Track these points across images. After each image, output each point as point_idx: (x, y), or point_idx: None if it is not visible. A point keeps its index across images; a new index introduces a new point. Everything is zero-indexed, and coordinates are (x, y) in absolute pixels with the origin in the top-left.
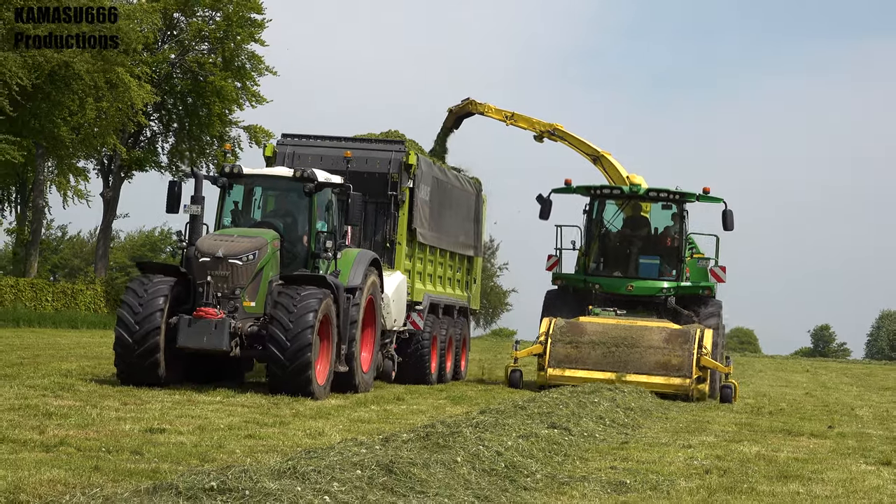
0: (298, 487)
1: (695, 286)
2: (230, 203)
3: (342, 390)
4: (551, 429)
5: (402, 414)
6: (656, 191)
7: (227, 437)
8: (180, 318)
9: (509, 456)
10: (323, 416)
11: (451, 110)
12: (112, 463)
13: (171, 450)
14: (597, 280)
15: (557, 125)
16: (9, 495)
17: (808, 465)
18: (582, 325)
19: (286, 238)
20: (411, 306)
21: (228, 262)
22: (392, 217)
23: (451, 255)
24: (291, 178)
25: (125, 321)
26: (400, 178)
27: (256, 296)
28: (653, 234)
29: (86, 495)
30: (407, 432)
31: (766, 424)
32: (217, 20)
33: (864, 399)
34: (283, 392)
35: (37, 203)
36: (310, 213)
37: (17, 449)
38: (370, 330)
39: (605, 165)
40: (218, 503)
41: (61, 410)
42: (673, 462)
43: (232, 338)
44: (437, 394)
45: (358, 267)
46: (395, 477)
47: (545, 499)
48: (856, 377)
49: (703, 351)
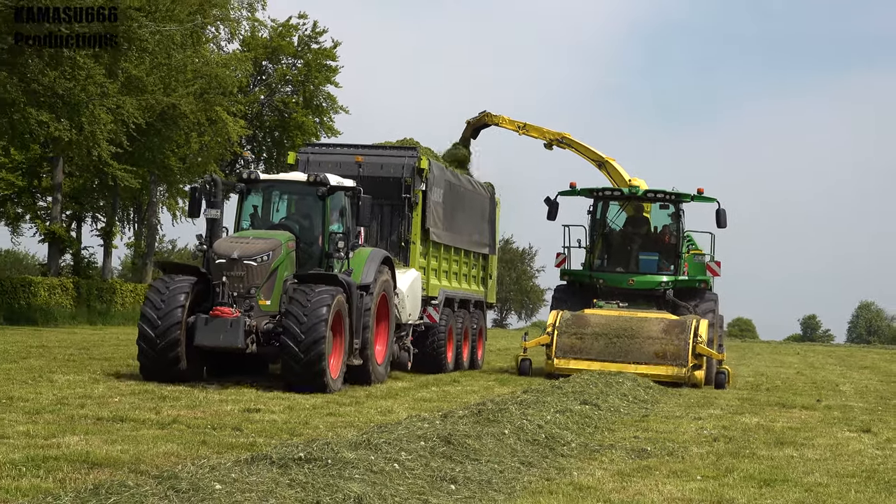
0: (372, 456)
1: (692, 280)
2: (248, 207)
3: (357, 382)
4: (583, 405)
5: (457, 394)
6: (654, 192)
7: (311, 415)
8: (197, 317)
9: (549, 428)
10: (391, 397)
11: (468, 122)
12: (216, 438)
13: (265, 426)
14: (601, 275)
15: (566, 134)
16: (131, 465)
17: (800, 433)
18: (586, 317)
19: (301, 239)
20: (427, 301)
21: (243, 263)
22: (406, 218)
23: (466, 253)
24: (305, 182)
25: (148, 317)
26: (413, 181)
27: (272, 295)
28: (652, 232)
29: (195, 465)
30: (462, 409)
31: (764, 399)
32: (299, 66)
33: (846, 377)
34: (297, 386)
35: (151, 221)
36: (323, 216)
37: (137, 427)
38: (384, 324)
39: (610, 170)
40: (305, 470)
41: (173, 394)
42: (686, 432)
43: (247, 335)
44: (486, 377)
45: (370, 265)
46: (452, 447)
47: (579, 464)
48: (839, 358)
49: (699, 340)
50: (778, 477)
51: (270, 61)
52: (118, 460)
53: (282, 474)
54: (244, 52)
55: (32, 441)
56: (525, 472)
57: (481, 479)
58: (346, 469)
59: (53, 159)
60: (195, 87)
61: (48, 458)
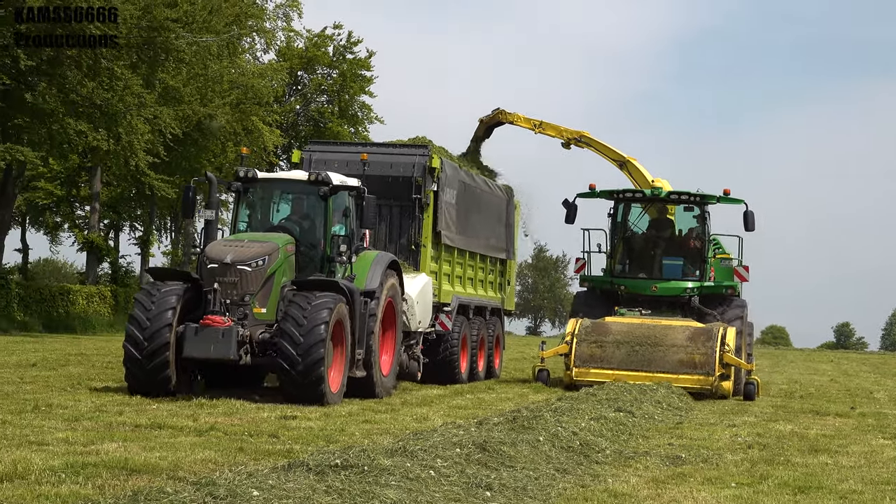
0: (408, 463)
1: (718, 286)
2: (246, 208)
3: (361, 395)
4: (618, 412)
5: (492, 401)
6: (678, 193)
7: (347, 422)
8: (187, 327)
9: (583, 435)
10: (427, 404)
11: (481, 120)
12: (254, 445)
13: (301, 433)
14: (622, 281)
15: (584, 132)
16: (170, 472)
17: (834, 440)
18: (606, 324)
19: (302, 242)
20: (439, 308)
21: (237, 268)
22: (417, 220)
23: (482, 257)
24: (306, 181)
25: (134, 338)
26: (424, 181)
27: (268, 302)
28: (676, 235)
29: (232, 472)
30: (497, 416)
31: (798, 406)
32: (334, 76)
33: (880, 384)
34: (296, 402)
35: (187, 229)
36: (325, 217)
37: (175, 434)
38: (390, 332)
39: (631, 170)
40: (342, 477)
41: (210, 401)
42: (720, 439)
43: (240, 346)
44: (520, 385)
45: (375, 269)
46: (488, 454)
47: (614, 471)
48: (873, 366)
49: (726, 348)
50: (812, 484)
51: (306, 71)
52: (156, 467)
53: (318, 481)
54: (280, 62)
55: (72, 448)
56: (560, 478)
57: (516, 485)
58: (382, 476)
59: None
60: (231, 97)
61: (87, 465)
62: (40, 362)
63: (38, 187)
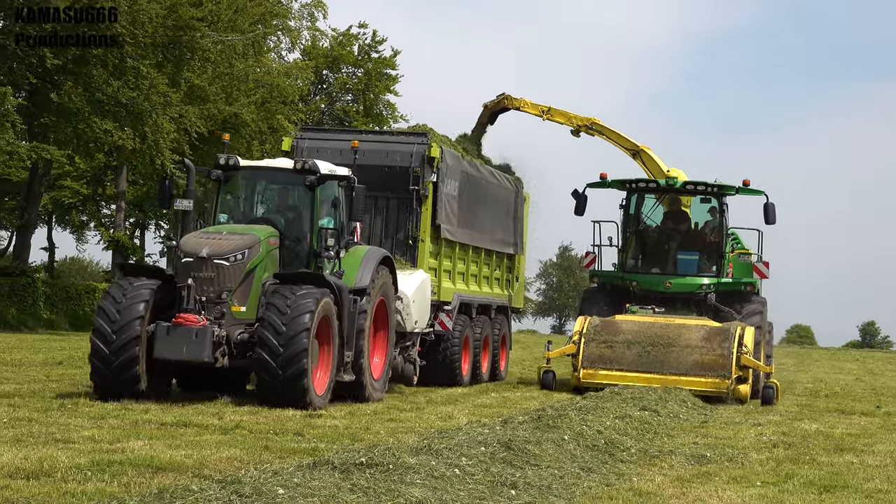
0: (433, 462)
1: (737, 282)
2: (226, 198)
3: (350, 399)
4: (642, 411)
5: (517, 400)
6: (693, 184)
7: (372, 421)
8: (157, 326)
9: (608, 434)
10: (452, 402)
11: (486, 105)
12: (279, 443)
13: (326, 431)
14: (634, 277)
15: (595, 119)
16: (195, 470)
17: (860, 439)
18: (617, 323)
19: (287, 236)
20: (439, 306)
21: (213, 263)
22: (415, 213)
23: (488, 252)
24: (292, 170)
25: (101, 331)
26: (422, 171)
27: (247, 300)
28: (692, 229)
29: (258, 470)
30: (522, 415)
31: (823, 405)
32: (359, 75)
33: None
34: (276, 403)
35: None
36: (312, 209)
37: (201, 432)
38: (382, 333)
39: (645, 160)
40: (367, 475)
41: (236, 400)
42: (745, 438)
43: (216, 347)
44: None
45: (366, 266)
46: (513, 452)
47: (639, 470)
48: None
49: (744, 350)
50: (838, 483)
51: (331, 70)
52: (182, 465)
53: (343, 479)
54: (305, 61)
55: (97, 446)
56: (585, 477)
57: (541, 484)
58: (407, 474)
59: (117, 168)
60: (257, 96)
61: (113, 463)
62: (66, 360)
63: (65, 186)
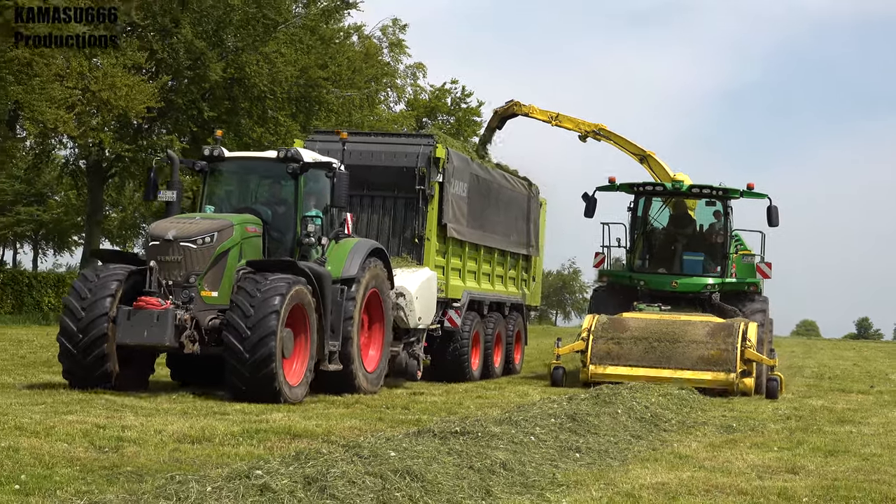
0: (513, 430)
1: (740, 282)
2: (212, 189)
3: (339, 391)
4: (681, 390)
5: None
6: (699, 187)
7: (464, 397)
8: (119, 310)
9: (653, 408)
10: (527, 383)
11: (496, 111)
12: (390, 415)
13: (427, 406)
14: (641, 277)
15: (602, 125)
16: (324, 437)
17: (857, 413)
18: (624, 320)
19: (272, 226)
20: (447, 303)
21: (180, 245)
22: (420, 212)
23: (502, 252)
24: (275, 159)
25: (68, 331)
26: (428, 172)
27: (220, 286)
28: (697, 230)
29: (374, 437)
30: (584, 393)
31: (827, 385)
32: (451, 122)
33: (894, 367)
34: (244, 395)
35: None
36: (296, 197)
37: (328, 406)
38: (378, 326)
39: (652, 164)
40: (460, 441)
41: None
42: (764, 411)
43: (180, 331)
44: None
45: (354, 257)
46: (577, 423)
47: (678, 437)
48: (888, 353)
49: (748, 344)
50: (840, 448)
51: (429, 118)
52: (314, 432)
53: (442, 444)
54: (409, 111)
55: (247, 417)
56: (635, 443)
57: (600, 448)
58: (492, 440)
59: None
60: None
61: (259, 431)
62: None
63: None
